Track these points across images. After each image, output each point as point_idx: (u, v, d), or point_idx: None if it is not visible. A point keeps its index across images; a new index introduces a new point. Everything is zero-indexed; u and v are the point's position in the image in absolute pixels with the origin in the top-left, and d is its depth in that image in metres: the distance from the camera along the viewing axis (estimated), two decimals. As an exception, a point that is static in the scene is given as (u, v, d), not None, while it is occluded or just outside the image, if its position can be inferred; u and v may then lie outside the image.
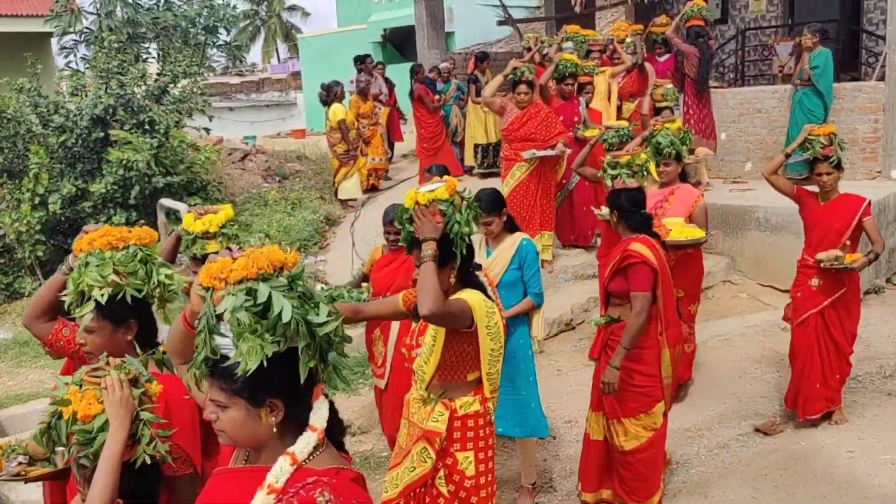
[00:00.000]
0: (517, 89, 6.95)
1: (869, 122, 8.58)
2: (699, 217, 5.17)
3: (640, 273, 3.90)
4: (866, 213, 4.90)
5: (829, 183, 4.98)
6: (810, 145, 4.97)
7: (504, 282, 4.29)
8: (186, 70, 10.22)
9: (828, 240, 4.94)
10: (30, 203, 8.83)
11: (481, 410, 3.13)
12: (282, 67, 34.14)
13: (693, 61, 8.82)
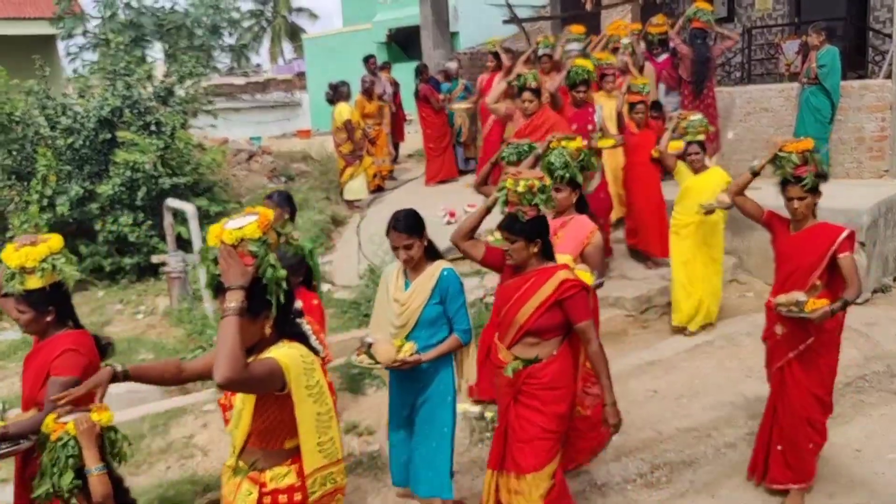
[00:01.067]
0: (522, 96, 6.75)
1: (876, 121, 8.55)
2: (592, 256, 4.43)
3: (582, 301, 3.47)
4: (843, 247, 4.01)
5: (801, 210, 4.14)
6: (780, 164, 4.19)
7: (424, 319, 3.86)
8: (192, 71, 10.24)
9: (795, 278, 4.15)
10: (38, 205, 8.87)
11: (297, 484, 2.66)
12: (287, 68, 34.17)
13: (686, 63, 8.83)
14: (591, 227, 4.49)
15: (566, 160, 4.46)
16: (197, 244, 7.54)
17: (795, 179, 4.12)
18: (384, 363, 3.79)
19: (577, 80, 7.25)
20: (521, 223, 3.47)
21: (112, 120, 9.22)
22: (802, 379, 4.18)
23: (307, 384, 2.58)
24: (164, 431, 5.54)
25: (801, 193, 4.11)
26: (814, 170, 4.10)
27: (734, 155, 9.64)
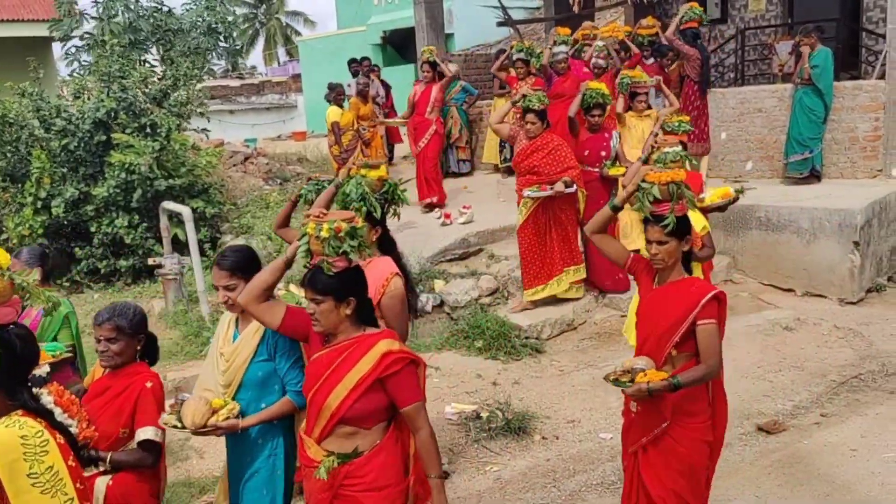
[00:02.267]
0: (526, 118, 6.58)
1: (870, 121, 8.59)
2: (389, 308, 3.54)
3: (409, 379, 2.79)
4: (706, 312, 3.15)
5: (661, 258, 3.24)
6: (640, 196, 3.27)
7: (248, 379, 3.22)
8: (188, 73, 10.24)
9: (651, 344, 3.28)
10: (32, 207, 8.85)
11: None
12: (282, 70, 34.17)
13: (695, 63, 8.86)
14: (390, 273, 3.58)
15: (364, 192, 3.68)
16: (193, 246, 7.53)
17: (655, 218, 3.22)
18: (189, 427, 3.11)
19: (591, 103, 6.86)
20: (327, 278, 2.74)
21: (107, 122, 9.20)
22: (660, 471, 3.27)
23: (31, 471, 2.10)
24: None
25: (660, 237, 3.20)
26: (681, 210, 3.22)
27: (727, 155, 9.68)
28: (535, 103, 6.49)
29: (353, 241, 2.77)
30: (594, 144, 6.97)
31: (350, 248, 2.77)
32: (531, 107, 6.51)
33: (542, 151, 6.57)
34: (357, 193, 3.67)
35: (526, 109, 6.56)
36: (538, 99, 6.53)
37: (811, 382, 5.82)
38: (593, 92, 6.85)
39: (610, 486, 4.63)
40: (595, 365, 6.34)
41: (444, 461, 4.98)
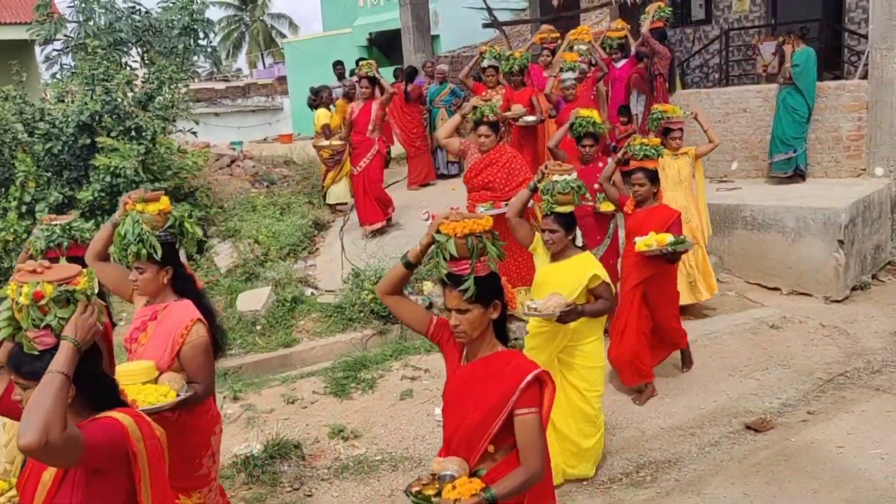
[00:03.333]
0: (478, 131, 6.14)
1: (853, 121, 8.66)
2: (191, 359, 3.16)
3: None
4: (525, 399, 2.52)
5: (464, 329, 2.57)
6: (436, 250, 2.62)
7: None
8: (172, 76, 10.17)
9: (460, 437, 2.64)
10: (16, 211, 8.75)
11: None
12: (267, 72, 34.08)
13: (665, 62, 8.92)
14: (189, 319, 3.18)
15: (141, 230, 3.14)
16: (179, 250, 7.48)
17: (451, 280, 2.54)
18: None
19: (581, 132, 6.14)
20: (34, 359, 2.15)
21: (91, 125, 9.12)
22: None
23: None
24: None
25: (459, 303, 2.53)
26: (481, 269, 2.54)
27: (712, 155, 9.68)
28: (487, 114, 6.09)
29: (62, 311, 2.15)
30: (586, 178, 5.79)
31: (58, 319, 2.14)
32: (484, 118, 6.10)
33: (495, 166, 6.23)
34: (134, 234, 3.14)
35: (477, 121, 6.15)
36: (490, 109, 6.12)
37: (798, 380, 5.86)
38: (583, 120, 6.12)
39: (600, 485, 4.65)
40: (584, 365, 6.35)
41: (434, 463, 4.98)
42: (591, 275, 4.26)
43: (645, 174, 5.50)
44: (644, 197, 5.55)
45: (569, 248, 4.35)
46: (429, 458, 5.05)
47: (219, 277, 8.40)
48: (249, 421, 5.56)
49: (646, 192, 5.51)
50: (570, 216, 4.30)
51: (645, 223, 5.42)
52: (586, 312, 4.22)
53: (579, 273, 4.28)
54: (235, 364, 6.59)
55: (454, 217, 2.60)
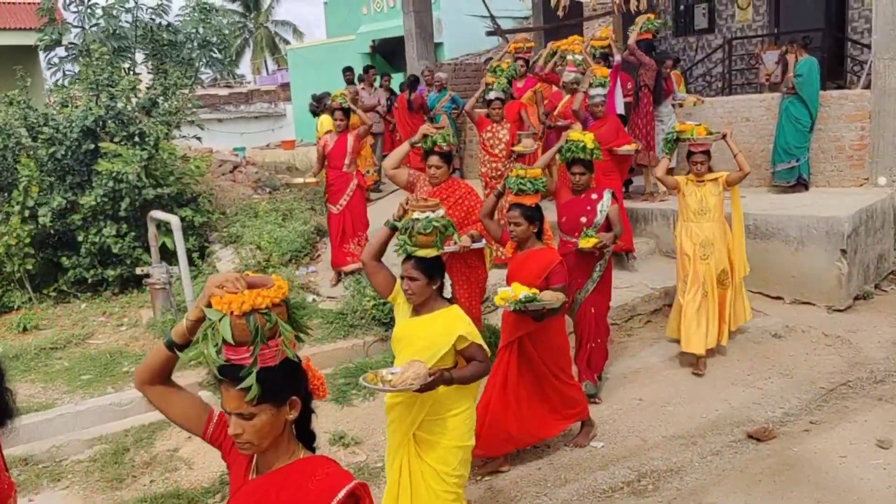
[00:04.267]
0: (428, 161, 5.60)
1: (856, 130, 8.66)
2: None
3: None
4: None
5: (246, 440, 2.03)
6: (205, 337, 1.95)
7: None
8: (178, 83, 10.21)
9: None
10: (19, 216, 8.77)
11: None
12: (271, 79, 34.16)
13: (652, 73, 8.94)
14: None
15: None
16: (181, 255, 7.49)
17: (227, 374, 1.94)
18: None
19: (570, 158, 5.54)
20: None
21: (95, 130, 9.15)
22: None
23: None
24: (149, 444, 5.48)
25: (239, 405, 1.96)
26: (269, 358, 1.95)
27: (716, 165, 9.69)
28: (440, 143, 5.53)
29: None
30: (573, 209, 5.60)
31: None
32: (435, 148, 5.56)
33: (447, 201, 5.51)
34: None
35: (428, 151, 5.59)
36: (443, 138, 5.54)
37: (800, 390, 5.84)
38: (573, 144, 5.52)
39: (601, 494, 4.63)
40: (585, 373, 6.34)
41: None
42: (458, 334, 3.49)
43: (521, 212, 4.70)
44: (521, 238, 4.77)
45: (434, 300, 3.62)
46: (429, 466, 5.04)
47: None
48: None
49: (522, 232, 4.71)
50: (433, 261, 3.58)
51: (522, 269, 4.73)
52: (454, 379, 3.45)
53: (446, 331, 3.52)
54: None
55: (230, 287, 1.93)
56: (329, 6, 23.08)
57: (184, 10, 11.45)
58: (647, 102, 8.98)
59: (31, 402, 6.45)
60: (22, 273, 8.89)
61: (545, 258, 4.72)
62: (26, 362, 7.30)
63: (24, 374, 7.10)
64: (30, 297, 8.96)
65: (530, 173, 4.86)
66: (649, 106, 8.95)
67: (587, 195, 5.58)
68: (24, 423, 5.94)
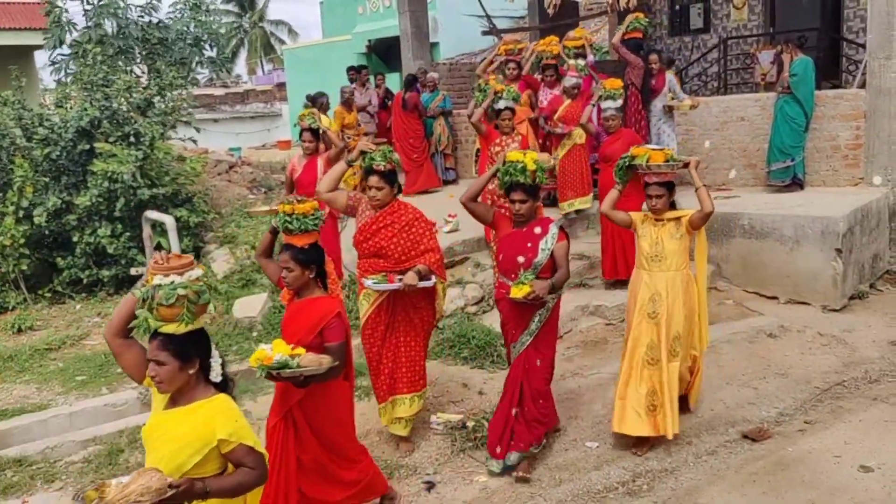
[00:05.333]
0: (368, 182, 4.83)
1: (851, 129, 8.68)
2: None
3: None
4: None
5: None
6: None
7: None
8: (173, 82, 10.19)
9: None
10: (14, 216, 8.75)
11: None
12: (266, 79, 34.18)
13: (639, 72, 8.93)
14: None
15: None
16: (176, 255, 7.46)
17: None
18: None
19: (507, 183, 4.61)
20: None
21: (90, 131, 9.13)
22: None
23: None
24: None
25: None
26: None
27: (711, 164, 9.74)
28: (378, 162, 4.77)
29: None
30: (511, 245, 4.69)
31: None
32: (375, 167, 4.78)
33: (391, 228, 4.84)
34: None
35: (367, 171, 4.82)
36: (382, 156, 4.78)
37: (795, 389, 5.85)
38: (511, 166, 4.57)
39: (596, 494, 4.63)
40: (581, 374, 6.34)
41: (430, 470, 4.97)
42: (218, 437, 2.81)
43: (291, 255, 3.96)
44: (294, 286, 4.04)
45: (193, 388, 2.92)
46: (424, 467, 5.04)
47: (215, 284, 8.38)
48: (245, 428, 5.54)
49: (294, 279, 3.97)
50: (186, 338, 2.87)
51: (293, 321, 4.05)
52: (211, 492, 2.75)
53: (202, 430, 2.82)
54: (232, 370, 6.56)
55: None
56: (325, 6, 23.08)
57: (175, 7, 11.42)
58: (636, 101, 8.97)
59: (26, 402, 6.43)
60: (17, 273, 8.86)
61: (321, 309, 3.94)
62: (21, 363, 7.28)
63: (19, 375, 7.08)
64: (24, 297, 8.93)
65: (299, 209, 3.97)
66: (638, 104, 8.95)
67: (529, 228, 4.64)
68: (19, 425, 5.94)
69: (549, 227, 4.65)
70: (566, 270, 4.65)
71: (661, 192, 4.93)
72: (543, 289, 4.49)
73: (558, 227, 4.67)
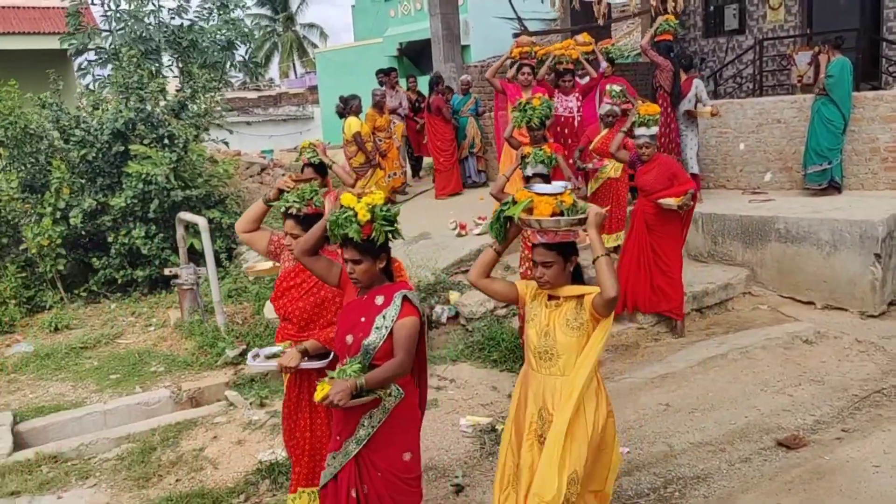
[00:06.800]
0: (284, 225, 3.97)
1: (891, 132, 8.49)
2: None
3: None
4: None
5: None
6: None
7: None
8: (206, 85, 10.31)
9: None
10: (51, 217, 8.93)
11: None
12: (299, 82, 34.48)
13: (668, 74, 8.80)
14: None
15: None
16: (209, 256, 7.55)
17: None
18: None
19: (339, 235, 3.25)
20: None
21: (125, 133, 9.28)
22: None
23: None
24: (175, 444, 5.53)
25: None
26: None
27: (746, 166, 9.60)
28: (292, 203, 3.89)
29: None
30: (345, 320, 3.43)
31: None
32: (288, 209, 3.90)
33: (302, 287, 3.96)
34: None
35: (285, 213, 3.92)
36: (300, 197, 3.90)
37: (832, 397, 5.72)
38: (340, 215, 3.23)
39: (627, 500, 4.57)
40: (611, 378, 6.28)
41: (458, 473, 4.94)
42: None
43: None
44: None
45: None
46: (453, 469, 5.02)
47: (247, 284, 8.46)
48: (274, 428, 5.57)
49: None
50: None
51: None
52: None
53: None
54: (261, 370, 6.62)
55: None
56: (357, 9, 23.21)
57: (202, 7, 11.54)
58: (665, 104, 8.79)
59: (62, 400, 6.54)
60: (54, 273, 9.04)
61: None
62: (57, 361, 7.41)
63: (55, 373, 7.20)
64: (61, 296, 9.10)
65: None
66: (667, 108, 8.79)
67: (370, 297, 3.35)
68: (54, 422, 6.04)
69: (393, 297, 3.31)
70: (404, 358, 3.22)
71: (548, 259, 3.36)
72: (341, 393, 3.11)
73: (402, 298, 3.30)
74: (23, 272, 9.20)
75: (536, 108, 6.50)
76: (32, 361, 7.50)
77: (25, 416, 6.23)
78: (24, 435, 5.94)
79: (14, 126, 9.11)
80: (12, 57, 14.58)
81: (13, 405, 6.52)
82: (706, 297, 7.59)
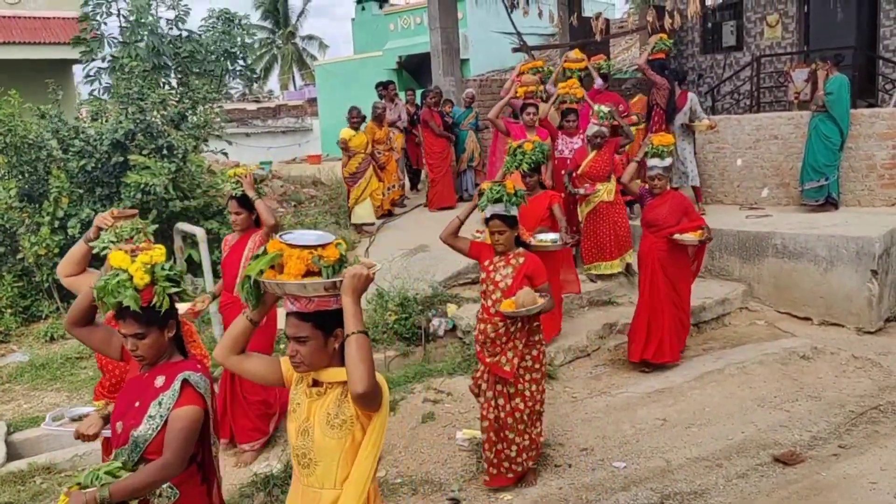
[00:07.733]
0: None
1: (887, 149, 8.53)
2: None
3: None
4: None
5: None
6: None
7: None
8: (206, 96, 10.33)
9: None
10: (49, 227, 8.90)
11: None
12: (298, 94, 34.54)
13: (664, 92, 8.86)
14: None
15: None
16: (206, 267, 7.54)
17: None
18: None
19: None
20: None
21: (125, 143, 9.28)
22: None
23: None
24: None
25: None
26: None
27: (743, 182, 9.64)
28: (107, 244, 3.59)
29: None
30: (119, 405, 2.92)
31: None
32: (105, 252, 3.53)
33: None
34: None
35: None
36: (116, 236, 3.64)
37: (829, 413, 5.72)
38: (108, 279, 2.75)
39: (623, 516, 4.55)
40: (609, 392, 6.27)
41: (454, 487, 4.92)
42: None
43: None
44: None
45: None
46: (449, 483, 5.00)
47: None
48: (270, 440, 5.55)
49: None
50: None
51: None
52: None
53: None
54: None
55: None
56: (357, 23, 23.33)
57: (207, 21, 11.59)
58: (660, 122, 8.89)
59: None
60: (50, 283, 9.00)
61: None
62: (52, 371, 7.38)
63: (50, 384, 7.17)
64: (57, 306, 9.06)
65: None
66: (662, 125, 8.86)
67: (151, 375, 2.83)
68: (48, 432, 6.00)
69: (174, 379, 2.75)
70: (170, 460, 2.63)
71: (302, 333, 2.60)
72: None
73: (182, 383, 2.73)
74: (19, 281, 9.16)
75: (527, 152, 6.12)
76: (27, 371, 7.47)
77: (20, 427, 6.20)
78: (17, 445, 5.91)
79: (13, 134, 9.11)
80: (12, 66, 14.60)
81: (7, 415, 6.49)
82: (703, 312, 7.59)
